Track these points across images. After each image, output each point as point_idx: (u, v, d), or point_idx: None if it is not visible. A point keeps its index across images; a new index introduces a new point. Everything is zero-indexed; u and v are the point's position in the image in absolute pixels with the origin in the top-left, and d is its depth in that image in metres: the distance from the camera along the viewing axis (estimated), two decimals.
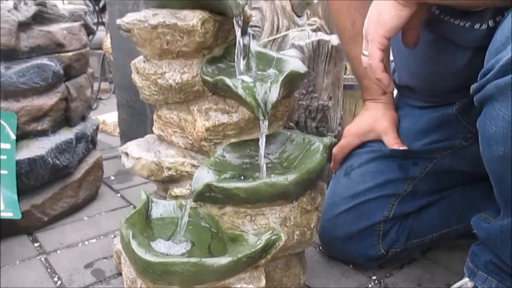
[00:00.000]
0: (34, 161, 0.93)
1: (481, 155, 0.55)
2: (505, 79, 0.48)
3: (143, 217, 0.71)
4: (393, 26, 0.61)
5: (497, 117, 0.49)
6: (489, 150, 0.52)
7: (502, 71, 0.48)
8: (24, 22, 0.90)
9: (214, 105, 0.71)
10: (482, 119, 0.53)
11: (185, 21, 0.69)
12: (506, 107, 0.48)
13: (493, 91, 0.50)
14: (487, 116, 0.51)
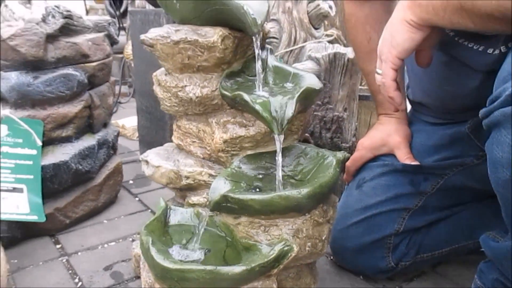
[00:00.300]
0: (58, 166, 0.97)
1: (489, 177, 0.57)
2: (510, 108, 0.49)
3: (162, 223, 0.74)
4: (406, 48, 0.63)
5: (503, 143, 0.51)
6: (496, 173, 0.54)
7: (509, 100, 0.50)
8: (51, 34, 0.94)
9: (232, 118, 0.74)
10: (489, 143, 0.55)
11: (206, 37, 0.72)
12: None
13: (499, 118, 0.51)
14: (494, 141, 0.53)
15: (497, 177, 0.55)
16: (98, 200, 1.12)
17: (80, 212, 1.07)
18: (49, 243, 1.01)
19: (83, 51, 1.01)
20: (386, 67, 0.66)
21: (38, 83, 0.95)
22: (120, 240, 1.03)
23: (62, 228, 1.05)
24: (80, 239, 1.03)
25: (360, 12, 0.88)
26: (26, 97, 0.94)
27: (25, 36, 0.92)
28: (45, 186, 0.96)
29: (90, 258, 0.96)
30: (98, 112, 1.08)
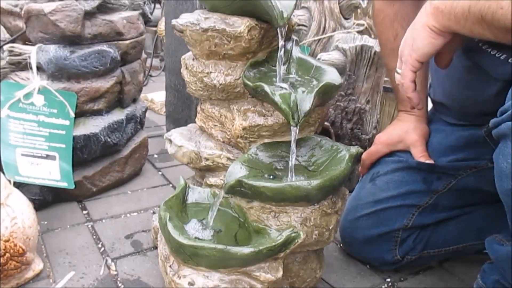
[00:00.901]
0: (89, 138, 1.03)
1: (496, 185, 0.58)
2: None
3: (180, 201, 0.79)
4: (426, 52, 0.64)
5: (508, 154, 0.53)
6: (501, 182, 0.56)
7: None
8: (89, 11, 0.99)
9: (252, 107, 0.77)
10: (496, 153, 0.56)
11: (233, 27, 0.75)
12: None
13: (506, 131, 0.53)
14: (501, 151, 0.55)
15: (501, 186, 0.57)
16: (124, 172, 1.18)
17: (106, 181, 1.14)
18: (76, 208, 1.08)
19: (118, 29, 1.05)
20: (406, 69, 0.68)
21: (74, 57, 1.00)
22: (141, 211, 1.09)
23: (89, 195, 1.12)
24: (105, 207, 1.10)
25: (389, 9, 0.89)
26: (63, 70, 1.00)
27: (65, 12, 0.97)
28: (75, 155, 1.02)
29: (113, 225, 1.02)
30: (128, 88, 1.13)
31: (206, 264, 0.66)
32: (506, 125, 0.53)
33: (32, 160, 0.95)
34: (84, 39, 1.01)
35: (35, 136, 0.96)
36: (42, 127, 0.97)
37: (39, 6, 0.98)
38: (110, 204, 1.11)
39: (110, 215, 1.06)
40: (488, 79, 0.73)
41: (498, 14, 0.52)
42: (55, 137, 0.98)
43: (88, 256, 0.90)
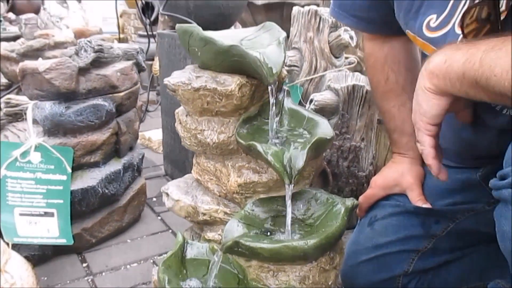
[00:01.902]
0: (86, 191, 1.04)
1: (498, 241, 0.58)
2: None
3: (179, 258, 0.79)
4: (434, 114, 0.63)
5: (510, 219, 0.53)
6: (504, 243, 0.56)
7: None
8: (83, 67, 1.01)
9: (247, 164, 0.77)
10: (498, 213, 0.56)
11: (224, 85, 0.76)
12: None
13: (507, 197, 0.53)
14: (502, 213, 0.55)
15: (505, 246, 0.57)
16: (123, 220, 1.18)
17: (105, 232, 1.14)
18: (76, 261, 1.08)
19: (112, 83, 1.07)
20: (421, 135, 0.67)
21: (70, 113, 1.01)
22: (141, 262, 1.09)
23: (88, 247, 1.12)
24: (104, 258, 1.09)
25: (380, 52, 0.90)
26: (59, 126, 1.01)
27: (59, 70, 0.99)
28: (73, 208, 1.02)
29: (113, 278, 1.02)
30: (124, 138, 1.14)
31: None
32: (508, 191, 0.53)
33: (30, 219, 0.95)
34: (79, 95, 1.03)
35: (32, 194, 0.96)
36: (39, 184, 0.98)
37: (34, 65, 0.99)
38: (109, 255, 1.11)
39: (110, 267, 1.06)
40: (483, 126, 0.73)
41: (492, 81, 0.53)
42: (52, 193, 0.99)
43: None
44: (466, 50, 0.57)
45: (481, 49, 0.55)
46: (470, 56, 0.56)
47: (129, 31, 3.93)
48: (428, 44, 0.72)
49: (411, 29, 0.74)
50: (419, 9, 0.72)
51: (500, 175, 0.56)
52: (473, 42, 0.57)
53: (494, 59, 0.53)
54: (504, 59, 0.51)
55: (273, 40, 0.79)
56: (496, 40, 0.54)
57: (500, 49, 0.53)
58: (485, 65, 0.54)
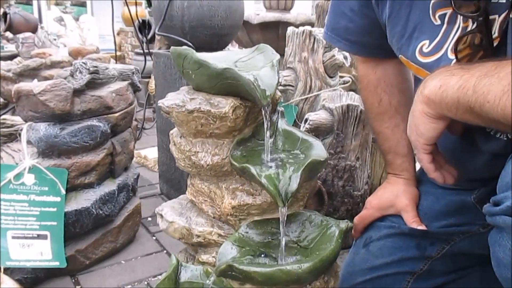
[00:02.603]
0: (80, 212, 1.03)
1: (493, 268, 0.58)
2: (511, 220, 0.51)
3: (173, 281, 0.78)
4: (430, 136, 0.64)
5: (505, 246, 0.53)
6: (499, 269, 0.56)
7: (509, 211, 0.52)
8: (78, 89, 1.01)
9: (241, 186, 0.77)
10: (492, 239, 0.56)
11: (218, 108, 0.76)
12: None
13: (501, 224, 0.53)
14: (497, 241, 0.55)
15: (501, 273, 0.56)
16: (117, 241, 1.17)
17: (99, 253, 1.12)
18: (69, 283, 1.06)
19: (107, 104, 1.07)
20: (419, 153, 0.68)
21: (65, 134, 1.01)
22: (136, 283, 1.07)
23: (82, 269, 1.10)
24: (98, 281, 1.08)
25: (373, 75, 0.91)
26: (53, 147, 1.01)
27: (54, 92, 0.99)
28: (67, 230, 1.02)
29: None
30: (119, 158, 1.14)
31: None
32: (502, 219, 0.53)
33: (24, 242, 0.94)
34: (74, 116, 1.03)
35: (26, 217, 0.96)
36: (33, 206, 0.97)
37: (29, 87, 1.00)
38: (103, 277, 1.09)
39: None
40: (476, 150, 0.74)
41: (485, 107, 0.53)
42: (46, 215, 0.98)
43: None
44: (460, 76, 0.58)
45: (474, 75, 0.56)
46: (464, 82, 0.56)
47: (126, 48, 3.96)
48: (422, 69, 0.72)
49: (404, 54, 0.75)
50: (412, 35, 0.73)
51: (494, 201, 0.56)
52: (467, 67, 0.58)
53: (487, 86, 0.53)
54: (496, 86, 0.52)
55: (267, 62, 0.80)
56: (489, 65, 0.55)
57: (492, 75, 0.53)
58: (478, 91, 0.54)
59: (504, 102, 0.50)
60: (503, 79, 0.51)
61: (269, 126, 0.77)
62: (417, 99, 0.64)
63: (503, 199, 0.53)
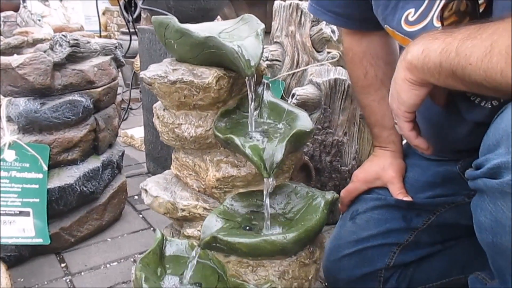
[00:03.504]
0: (64, 189, 1.01)
1: (475, 231, 0.58)
2: (492, 181, 0.50)
3: (157, 255, 0.77)
4: (412, 104, 0.63)
5: (486, 210, 0.52)
6: (481, 234, 0.56)
7: (490, 173, 0.51)
8: (58, 62, 0.98)
9: (225, 158, 0.76)
10: (474, 204, 0.56)
11: (201, 78, 0.74)
12: (494, 204, 0.51)
13: (483, 187, 0.52)
14: (478, 204, 0.54)
15: (482, 238, 0.56)
16: (103, 219, 1.16)
17: (84, 231, 1.11)
18: (54, 261, 1.05)
19: (89, 78, 1.04)
20: (400, 121, 0.67)
21: (45, 109, 0.98)
22: (122, 260, 1.07)
23: (67, 246, 1.09)
24: (84, 258, 1.07)
25: (358, 47, 0.89)
26: (34, 122, 0.98)
27: (33, 65, 0.96)
28: (50, 207, 1.00)
29: (93, 278, 0.99)
30: (103, 134, 1.12)
31: None
32: (483, 181, 0.52)
33: (5, 219, 0.92)
34: (55, 90, 1.00)
35: (7, 193, 0.94)
36: (14, 183, 0.95)
37: (7, 60, 0.97)
38: (89, 255, 1.08)
39: (89, 267, 1.03)
40: (460, 120, 0.73)
41: (468, 70, 0.52)
42: (28, 192, 0.96)
43: None
44: (442, 40, 0.56)
45: (457, 38, 0.54)
46: (447, 45, 0.55)
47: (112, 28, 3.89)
48: (408, 39, 0.71)
49: (390, 24, 0.74)
50: (397, 4, 0.71)
51: (475, 164, 0.55)
52: (450, 31, 0.57)
53: (470, 48, 0.52)
54: (478, 47, 0.51)
55: (252, 32, 0.78)
56: (472, 28, 0.54)
57: (475, 37, 0.52)
58: (461, 54, 0.53)
59: (486, 64, 0.50)
60: (485, 40, 0.50)
61: (253, 97, 0.76)
62: (400, 65, 0.63)
63: (484, 162, 0.52)
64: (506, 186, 0.48)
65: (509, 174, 0.48)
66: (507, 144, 0.49)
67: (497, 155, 0.50)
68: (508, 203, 0.49)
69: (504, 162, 0.48)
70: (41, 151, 0.97)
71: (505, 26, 0.49)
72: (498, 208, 0.50)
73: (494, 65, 0.49)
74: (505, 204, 0.49)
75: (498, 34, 0.49)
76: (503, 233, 0.51)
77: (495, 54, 0.49)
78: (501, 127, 0.51)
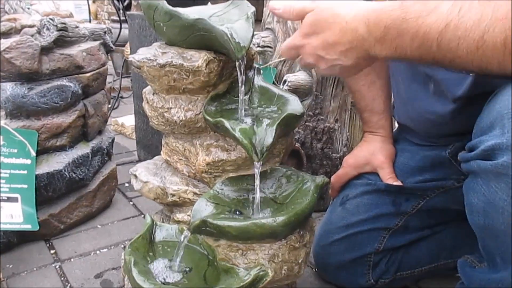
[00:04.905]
0: (53, 175, 1.00)
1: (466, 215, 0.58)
2: (486, 163, 0.51)
3: (147, 240, 0.77)
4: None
5: (479, 192, 0.53)
6: (471, 215, 0.56)
7: (484, 155, 0.51)
8: (46, 46, 0.96)
9: (215, 142, 0.75)
10: (466, 186, 0.56)
11: (191, 61, 0.73)
12: (487, 186, 0.51)
13: (476, 169, 0.53)
14: (471, 187, 0.55)
15: (473, 220, 0.57)
16: (93, 206, 1.15)
17: (74, 217, 1.10)
18: (43, 248, 1.04)
19: (77, 63, 1.03)
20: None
21: (33, 94, 0.97)
22: (112, 247, 1.06)
23: (57, 233, 1.08)
24: (73, 245, 1.06)
25: None
26: (21, 108, 0.97)
27: (20, 49, 0.95)
28: (39, 194, 0.99)
29: (82, 265, 0.99)
30: (92, 120, 1.11)
31: None
32: (476, 163, 0.52)
33: None
34: (42, 75, 0.98)
35: None
36: (1, 168, 0.94)
37: None
38: (79, 241, 1.08)
39: (79, 253, 1.03)
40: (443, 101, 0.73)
41: (456, 62, 0.50)
42: (16, 178, 0.95)
43: None
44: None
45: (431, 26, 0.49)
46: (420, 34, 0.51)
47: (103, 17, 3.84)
48: None
49: None
50: None
51: (468, 147, 0.55)
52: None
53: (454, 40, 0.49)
54: (466, 39, 0.47)
55: (242, 16, 0.77)
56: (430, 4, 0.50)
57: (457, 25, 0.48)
58: (444, 48, 0.50)
59: (479, 56, 0.47)
60: (471, 30, 0.46)
61: (244, 81, 0.75)
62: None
63: (478, 144, 0.52)
64: (500, 167, 0.48)
65: (503, 156, 0.48)
66: (501, 125, 0.49)
67: (491, 137, 0.50)
68: (502, 185, 0.49)
69: (499, 144, 0.48)
70: (29, 136, 0.96)
71: None
72: (492, 190, 0.50)
73: (490, 58, 0.46)
74: (498, 186, 0.49)
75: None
76: (496, 215, 0.51)
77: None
78: (495, 108, 0.51)
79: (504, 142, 0.48)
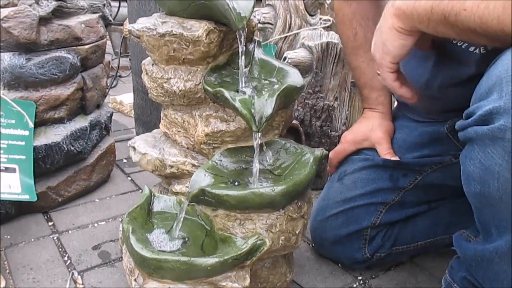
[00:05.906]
0: (50, 147, 1.00)
1: (463, 185, 0.58)
2: (483, 128, 0.50)
3: (145, 211, 0.77)
4: (398, 54, 0.62)
5: (475, 159, 0.53)
6: (468, 184, 0.56)
7: (481, 120, 0.51)
8: (44, 17, 0.95)
9: (214, 113, 0.75)
10: (463, 155, 0.56)
11: (191, 31, 0.73)
12: (483, 152, 0.51)
13: (473, 135, 0.52)
14: (467, 154, 0.55)
15: (469, 189, 0.57)
16: (91, 180, 1.15)
17: (72, 191, 1.10)
18: (41, 220, 1.05)
19: (76, 34, 1.02)
20: (383, 71, 0.66)
21: (31, 65, 0.96)
22: (110, 220, 1.07)
23: (54, 206, 1.08)
24: (71, 217, 1.06)
25: (347, 8, 0.88)
26: (19, 78, 0.96)
27: (18, 18, 0.93)
28: (37, 166, 0.99)
29: (80, 237, 0.99)
30: (91, 94, 1.10)
31: (171, 276, 0.65)
32: (473, 129, 0.52)
33: None
34: (41, 46, 0.97)
35: None
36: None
37: None
38: (76, 214, 1.08)
39: (76, 226, 1.03)
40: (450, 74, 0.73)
41: (461, 16, 0.51)
42: (14, 149, 0.95)
43: (53, 271, 0.88)
44: None
45: None
46: None
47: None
48: None
49: None
50: None
51: (466, 114, 0.55)
52: None
53: None
54: None
55: None
56: None
57: None
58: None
59: (482, 10, 0.49)
60: None
61: (244, 52, 0.75)
62: (387, 12, 0.61)
63: (476, 109, 0.52)
64: (497, 131, 0.48)
65: (500, 119, 0.47)
66: (499, 89, 0.48)
67: (489, 101, 0.49)
68: (498, 149, 0.49)
69: (496, 107, 0.48)
70: (27, 107, 0.96)
71: None
72: (488, 156, 0.50)
73: (491, 11, 0.48)
74: (495, 151, 0.49)
75: None
76: (492, 181, 0.51)
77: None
78: (494, 73, 0.50)
79: (501, 105, 0.47)
